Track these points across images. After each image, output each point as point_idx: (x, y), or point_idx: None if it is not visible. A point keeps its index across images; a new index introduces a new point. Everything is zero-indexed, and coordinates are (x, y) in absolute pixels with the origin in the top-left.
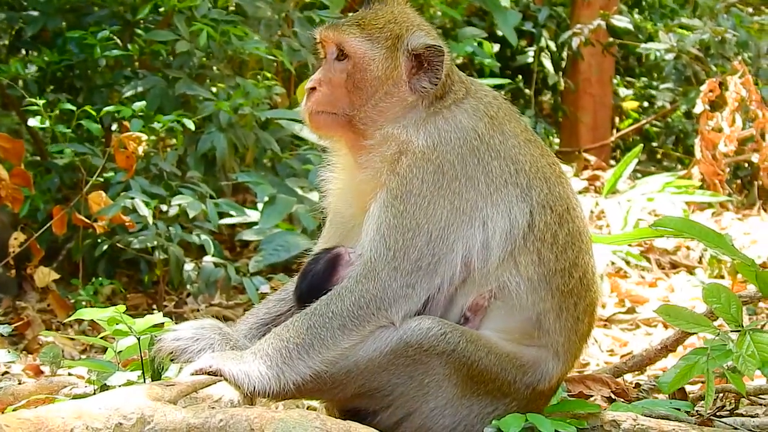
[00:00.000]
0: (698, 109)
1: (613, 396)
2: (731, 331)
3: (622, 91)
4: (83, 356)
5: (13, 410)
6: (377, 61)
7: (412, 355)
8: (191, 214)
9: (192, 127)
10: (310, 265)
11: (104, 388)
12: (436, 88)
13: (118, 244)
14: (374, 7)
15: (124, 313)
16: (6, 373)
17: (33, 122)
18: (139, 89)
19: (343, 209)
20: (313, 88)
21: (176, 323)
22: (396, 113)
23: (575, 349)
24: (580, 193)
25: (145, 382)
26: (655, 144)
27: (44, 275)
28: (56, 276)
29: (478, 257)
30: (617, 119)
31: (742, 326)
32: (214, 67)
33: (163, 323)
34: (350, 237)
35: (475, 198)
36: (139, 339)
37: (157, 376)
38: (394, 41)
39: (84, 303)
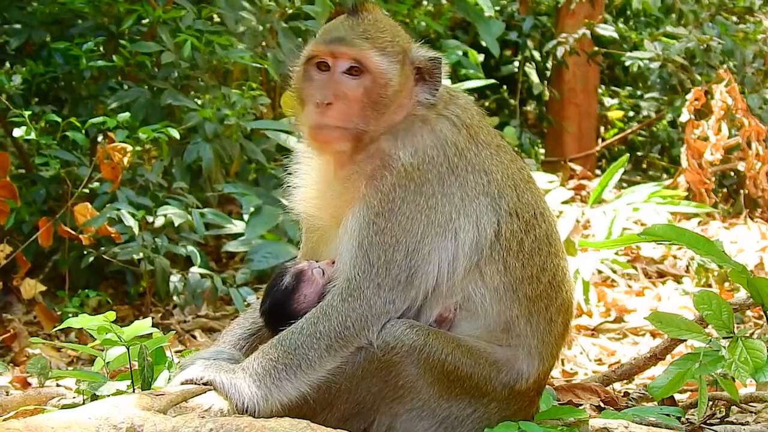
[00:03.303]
0: (684, 117)
1: (602, 404)
2: (723, 338)
3: (607, 101)
4: (70, 368)
5: (3, 420)
6: (395, 76)
7: (380, 357)
8: (177, 223)
9: (177, 135)
10: (275, 281)
11: (94, 398)
12: (435, 99)
13: (104, 256)
14: (364, 17)
15: (112, 323)
16: None
17: (18, 132)
18: (125, 100)
19: (314, 215)
20: (329, 103)
21: (164, 334)
22: (401, 125)
23: (551, 348)
24: (565, 202)
25: (134, 391)
26: (640, 153)
27: (30, 287)
28: (42, 288)
29: (447, 268)
30: (602, 129)
31: (734, 333)
32: (199, 78)
33: (151, 333)
34: (323, 243)
35: (450, 210)
36: (128, 348)
37: (146, 385)
38: (403, 55)
39: (71, 314)
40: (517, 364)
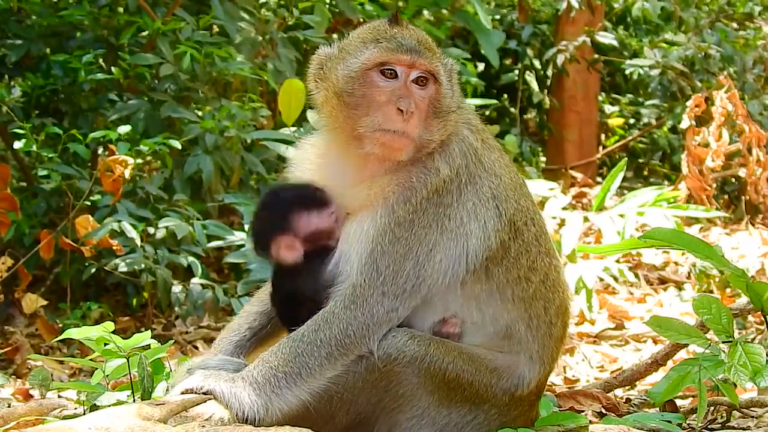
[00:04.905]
0: (684, 124)
1: (603, 411)
2: (722, 342)
3: (608, 108)
4: (72, 380)
5: (4, 431)
6: (449, 87)
7: (381, 367)
8: (179, 236)
9: (179, 146)
10: (303, 186)
11: (94, 408)
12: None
13: (106, 268)
14: (406, 25)
15: (111, 333)
16: None
17: (19, 145)
18: (124, 112)
19: None
20: (411, 112)
21: (162, 344)
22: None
23: (552, 352)
24: (565, 209)
25: (134, 401)
26: (641, 160)
27: (32, 302)
28: (44, 302)
29: (451, 275)
30: (603, 136)
31: (733, 337)
32: (199, 90)
33: (149, 344)
34: None
35: (462, 216)
36: (127, 358)
37: (146, 395)
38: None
39: (72, 327)
40: (519, 370)
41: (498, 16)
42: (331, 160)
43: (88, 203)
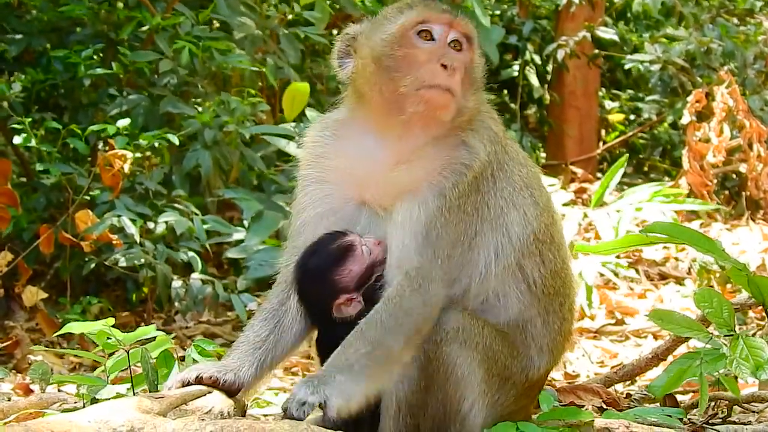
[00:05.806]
0: (685, 119)
1: (604, 406)
2: (724, 336)
3: (608, 104)
4: (72, 374)
5: (3, 424)
6: (478, 58)
7: (431, 356)
8: (179, 231)
9: (176, 141)
10: (319, 247)
11: (94, 402)
12: None
13: (105, 263)
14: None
15: (112, 327)
16: None
17: (19, 140)
18: (124, 107)
19: (346, 192)
20: (455, 68)
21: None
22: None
23: (561, 346)
24: (566, 205)
25: (134, 394)
26: (641, 156)
27: (32, 294)
28: (44, 295)
29: (493, 264)
30: (603, 132)
31: (735, 331)
32: (198, 84)
33: (154, 337)
34: (342, 226)
35: (501, 205)
36: (127, 352)
37: (153, 388)
38: None
39: (72, 321)
40: (529, 353)
41: (498, 12)
42: (359, 140)
43: (88, 198)
